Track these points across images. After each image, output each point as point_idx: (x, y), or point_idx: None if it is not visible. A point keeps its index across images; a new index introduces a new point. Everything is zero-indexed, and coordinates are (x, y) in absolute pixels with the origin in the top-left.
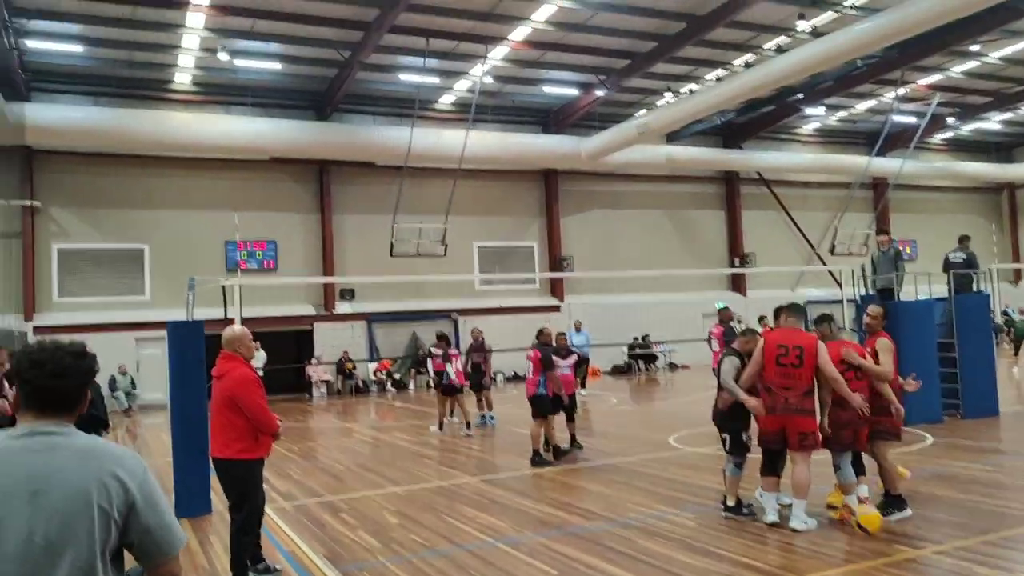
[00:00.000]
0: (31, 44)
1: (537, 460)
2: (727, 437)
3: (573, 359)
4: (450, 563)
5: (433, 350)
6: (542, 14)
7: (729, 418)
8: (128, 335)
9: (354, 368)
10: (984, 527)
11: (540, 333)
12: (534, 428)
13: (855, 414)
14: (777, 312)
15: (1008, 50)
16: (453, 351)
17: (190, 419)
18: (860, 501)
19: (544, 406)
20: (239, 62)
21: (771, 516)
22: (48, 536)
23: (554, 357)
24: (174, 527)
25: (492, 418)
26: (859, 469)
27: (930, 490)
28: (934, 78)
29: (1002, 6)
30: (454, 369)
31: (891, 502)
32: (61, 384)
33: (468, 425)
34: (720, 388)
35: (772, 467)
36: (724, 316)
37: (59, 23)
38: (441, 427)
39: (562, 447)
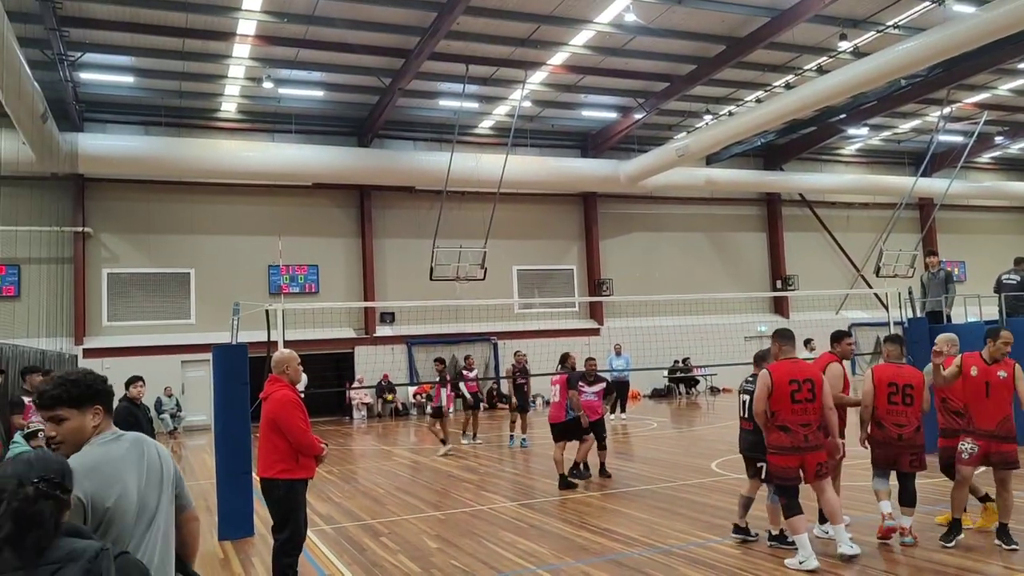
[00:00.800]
0: (85, 76)
1: (570, 481)
2: (763, 465)
3: (601, 386)
4: None
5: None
6: (580, 39)
7: (763, 447)
8: (174, 358)
9: (394, 396)
10: None
11: (566, 358)
12: (556, 453)
13: (891, 435)
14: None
15: None
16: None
17: (234, 441)
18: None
19: (566, 432)
20: (283, 90)
21: (813, 561)
22: (156, 496)
23: (580, 383)
24: None
25: (524, 441)
26: (908, 499)
27: None
28: (981, 96)
29: None
30: (446, 393)
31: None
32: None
33: (444, 442)
34: (743, 417)
35: (796, 504)
36: None
37: (112, 55)
38: (458, 438)
39: (567, 475)
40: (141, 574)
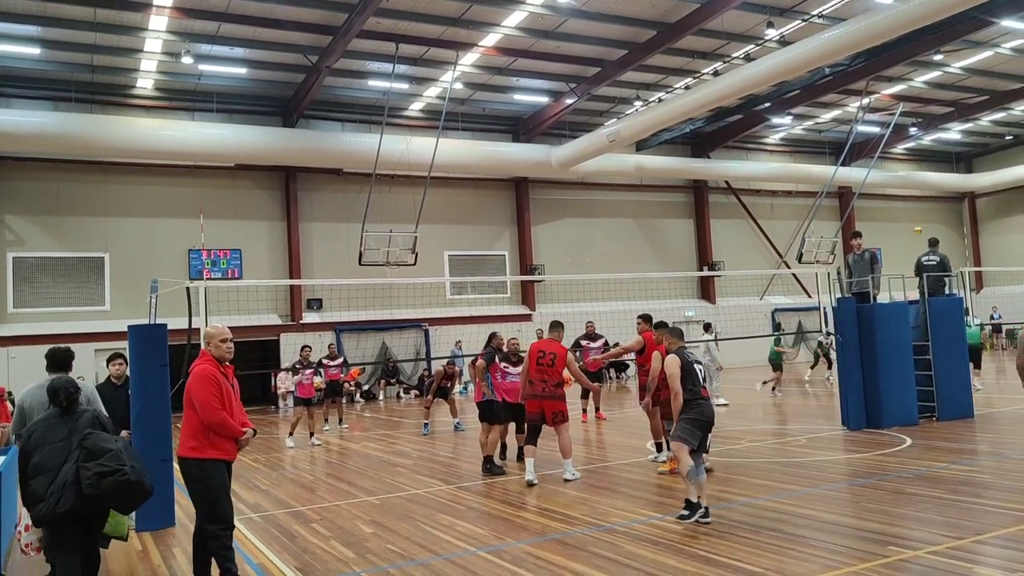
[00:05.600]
0: None
1: (487, 468)
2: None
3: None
4: (429, 572)
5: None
6: (512, 20)
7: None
8: (87, 346)
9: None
10: (978, 528)
11: (491, 338)
12: (480, 435)
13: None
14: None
15: (969, 60)
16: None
17: (151, 427)
18: None
19: (488, 413)
20: (203, 67)
21: (529, 477)
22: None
23: (503, 364)
24: None
25: (459, 425)
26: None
27: (917, 491)
28: (897, 88)
29: (965, 16)
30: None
31: None
32: (61, 362)
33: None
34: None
35: (534, 439)
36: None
37: (16, 24)
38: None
39: (496, 461)
40: (108, 421)
